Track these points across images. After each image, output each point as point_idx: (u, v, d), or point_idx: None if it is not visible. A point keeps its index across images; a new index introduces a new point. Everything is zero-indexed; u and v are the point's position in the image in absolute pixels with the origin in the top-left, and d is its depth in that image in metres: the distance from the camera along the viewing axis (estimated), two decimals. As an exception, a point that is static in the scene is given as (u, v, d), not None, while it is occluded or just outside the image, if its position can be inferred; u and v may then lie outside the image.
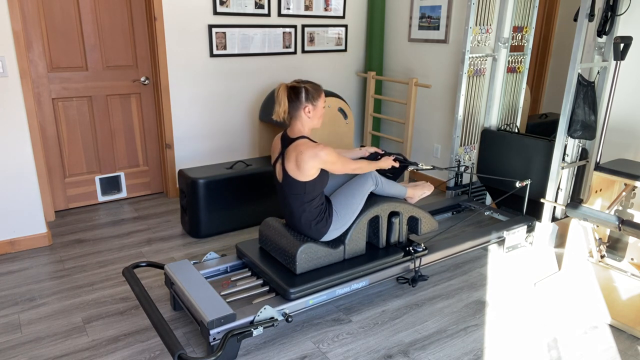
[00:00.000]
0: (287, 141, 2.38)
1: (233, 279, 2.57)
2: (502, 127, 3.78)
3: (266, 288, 2.46)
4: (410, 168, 2.82)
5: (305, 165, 2.27)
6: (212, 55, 3.96)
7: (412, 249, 2.70)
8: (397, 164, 2.67)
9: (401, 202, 2.69)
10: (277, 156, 2.43)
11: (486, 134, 3.65)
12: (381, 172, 2.79)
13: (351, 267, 2.48)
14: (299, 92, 2.31)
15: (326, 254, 2.46)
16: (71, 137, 3.68)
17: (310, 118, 2.36)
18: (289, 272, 2.40)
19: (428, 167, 2.93)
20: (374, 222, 2.66)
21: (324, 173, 2.36)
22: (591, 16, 2.80)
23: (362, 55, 4.86)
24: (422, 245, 2.76)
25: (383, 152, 2.76)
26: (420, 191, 2.80)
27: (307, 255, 2.38)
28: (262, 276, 2.50)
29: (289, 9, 4.22)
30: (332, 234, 2.45)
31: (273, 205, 3.57)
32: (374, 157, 2.79)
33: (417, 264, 2.72)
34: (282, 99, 2.32)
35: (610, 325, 2.46)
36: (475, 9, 3.49)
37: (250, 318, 2.13)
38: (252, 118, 4.34)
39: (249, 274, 2.60)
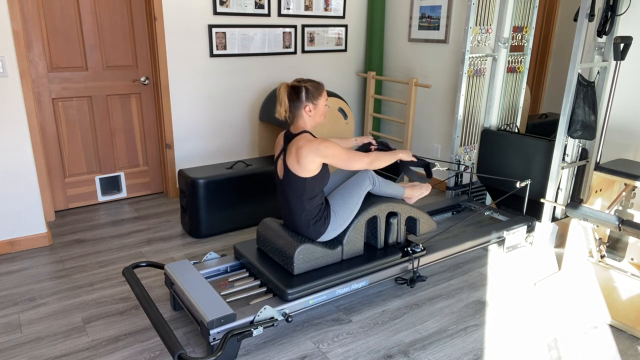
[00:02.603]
0: (289, 137, 2.40)
1: (231, 279, 2.57)
2: (502, 127, 3.78)
3: (264, 289, 2.46)
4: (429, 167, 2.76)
5: (305, 160, 2.27)
6: (212, 55, 3.96)
7: (411, 250, 2.70)
8: (413, 159, 2.61)
9: (399, 202, 2.68)
10: (280, 152, 2.44)
11: (486, 134, 3.65)
12: (383, 171, 2.78)
13: (349, 268, 2.47)
14: (299, 91, 2.33)
15: (324, 255, 2.45)
16: (71, 137, 3.68)
17: (311, 117, 2.38)
18: (287, 273, 2.39)
19: (443, 168, 2.94)
20: (372, 223, 2.66)
21: (324, 170, 2.36)
22: (591, 16, 2.80)
23: (362, 55, 4.85)
24: (421, 245, 2.76)
25: (377, 145, 2.75)
26: (419, 191, 2.80)
27: (305, 256, 2.38)
28: (259, 277, 2.50)
29: (289, 9, 4.22)
30: (329, 234, 2.45)
31: (273, 205, 3.57)
32: (366, 147, 2.78)
33: (416, 264, 2.72)
34: (282, 98, 2.34)
35: (611, 325, 2.46)
36: (475, 9, 3.49)
37: (250, 318, 2.13)
38: (252, 118, 4.34)
39: (247, 274, 2.60)
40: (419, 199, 2.83)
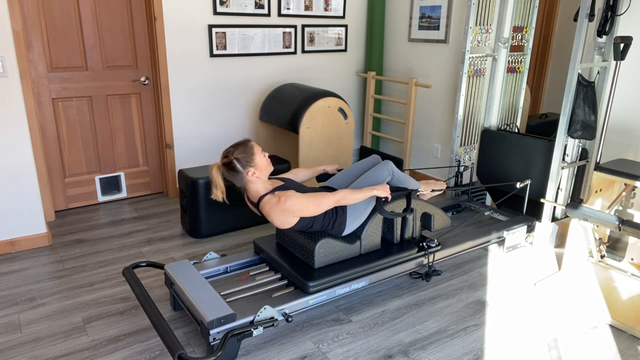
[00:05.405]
0: (254, 204, 2.37)
1: (252, 273, 2.61)
2: (502, 127, 3.78)
3: (285, 282, 2.51)
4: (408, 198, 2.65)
5: (278, 221, 2.29)
6: (212, 55, 3.96)
7: (426, 245, 2.74)
8: (388, 195, 2.46)
9: (414, 198, 2.73)
10: (261, 215, 2.42)
11: (486, 134, 3.65)
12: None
13: (367, 262, 2.52)
14: (232, 165, 2.23)
15: (343, 249, 2.50)
16: (71, 137, 3.68)
17: (258, 176, 2.28)
18: (307, 267, 2.45)
19: (426, 191, 2.84)
20: (389, 218, 2.70)
21: None
22: (591, 16, 2.80)
23: (362, 55, 4.85)
24: (436, 240, 2.80)
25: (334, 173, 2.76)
26: (434, 188, 2.86)
27: (325, 250, 2.43)
28: (280, 270, 2.55)
29: (289, 9, 4.22)
30: (350, 226, 2.49)
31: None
32: (325, 176, 2.78)
33: (431, 259, 2.77)
34: (217, 181, 2.25)
35: (611, 325, 2.46)
36: (475, 9, 3.49)
37: (250, 318, 2.13)
38: (252, 118, 4.34)
39: (267, 268, 2.65)
40: (433, 195, 2.87)
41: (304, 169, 2.72)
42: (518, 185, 3.18)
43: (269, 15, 4.13)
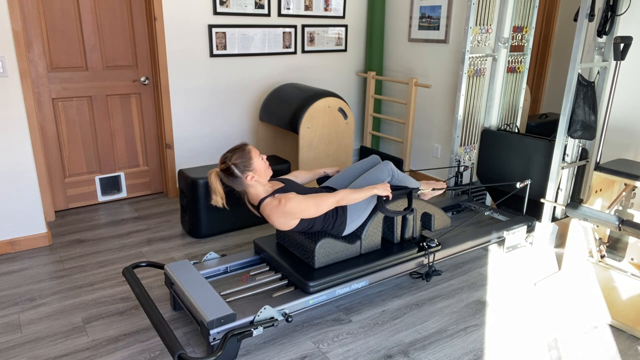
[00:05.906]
0: (255, 207, 2.37)
1: (252, 273, 2.61)
2: (502, 127, 3.78)
3: (285, 282, 2.52)
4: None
5: (278, 222, 2.29)
6: (212, 55, 3.96)
7: (426, 245, 2.74)
8: (389, 193, 2.44)
9: (415, 197, 2.73)
10: (262, 217, 2.43)
11: (486, 134, 3.65)
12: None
13: (367, 262, 2.53)
14: (231, 171, 2.22)
15: (344, 249, 2.51)
16: (71, 137, 3.68)
17: (258, 180, 2.27)
18: (308, 267, 2.45)
19: (427, 190, 2.85)
20: (389, 218, 2.71)
21: None
22: (591, 16, 2.80)
23: (362, 55, 4.85)
24: (436, 240, 2.80)
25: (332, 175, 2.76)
26: (434, 187, 2.87)
27: (325, 250, 2.43)
28: (280, 270, 2.55)
29: (289, 9, 4.22)
30: (351, 226, 2.49)
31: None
32: (326, 179, 2.78)
33: (431, 259, 2.77)
34: (216, 187, 2.24)
35: (611, 325, 2.46)
36: (475, 9, 3.49)
37: (250, 318, 2.13)
38: (252, 118, 4.34)
39: (267, 268, 2.65)
40: (434, 195, 2.88)
41: (305, 171, 2.72)
42: (518, 185, 3.18)
43: (269, 15, 4.13)
